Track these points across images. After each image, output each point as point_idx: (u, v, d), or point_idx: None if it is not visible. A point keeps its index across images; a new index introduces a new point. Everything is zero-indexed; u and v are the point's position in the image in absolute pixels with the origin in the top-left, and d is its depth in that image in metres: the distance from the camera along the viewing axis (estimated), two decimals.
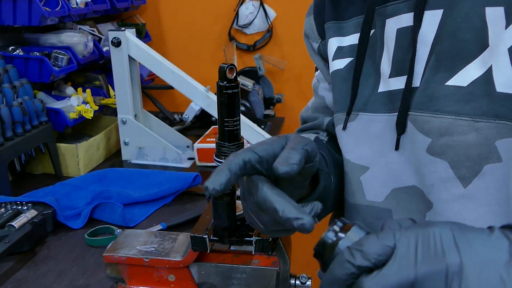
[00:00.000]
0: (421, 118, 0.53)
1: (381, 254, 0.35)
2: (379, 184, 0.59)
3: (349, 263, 0.36)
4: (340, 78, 0.65)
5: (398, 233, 0.36)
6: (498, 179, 0.49)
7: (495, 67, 0.48)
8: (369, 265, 0.35)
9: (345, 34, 0.66)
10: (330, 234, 0.39)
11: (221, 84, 0.53)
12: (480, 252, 0.33)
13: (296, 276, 0.66)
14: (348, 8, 0.66)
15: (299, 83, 1.88)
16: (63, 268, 0.83)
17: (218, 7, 1.83)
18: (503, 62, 0.48)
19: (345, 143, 0.64)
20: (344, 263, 0.36)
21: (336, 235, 0.39)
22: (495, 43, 0.49)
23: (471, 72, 0.50)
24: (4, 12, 1.23)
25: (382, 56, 0.60)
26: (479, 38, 0.50)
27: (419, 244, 0.34)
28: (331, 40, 0.68)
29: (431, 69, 0.53)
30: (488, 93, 0.49)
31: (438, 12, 0.53)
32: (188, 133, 1.52)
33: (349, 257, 0.36)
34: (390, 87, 0.58)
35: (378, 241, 0.36)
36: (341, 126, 0.64)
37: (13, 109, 1.10)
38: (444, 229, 0.35)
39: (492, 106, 0.48)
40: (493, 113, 0.48)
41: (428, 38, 0.54)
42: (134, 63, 1.29)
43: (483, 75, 0.49)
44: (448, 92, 0.51)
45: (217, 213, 0.58)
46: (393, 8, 0.58)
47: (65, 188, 1.10)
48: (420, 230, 0.35)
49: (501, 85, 0.48)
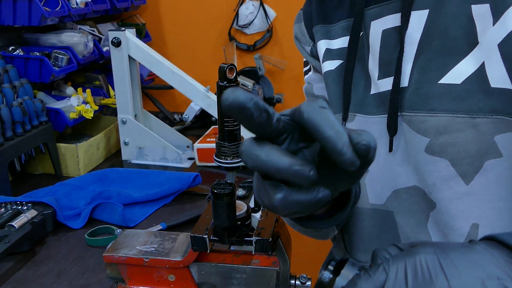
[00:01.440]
0: (417, 118, 0.53)
1: None
2: (379, 187, 0.59)
3: None
4: (332, 79, 0.65)
5: (387, 266, 0.38)
6: (500, 175, 0.49)
7: (487, 63, 0.49)
8: None
9: (333, 37, 0.66)
10: (326, 274, 0.42)
11: (221, 84, 0.53)
12: (464, 273, 0.35)
13: (296, 276, 0.66)
14: (335, 12, 0.66)
15: (299, 83, 1.88)
16: (63, 268, 0.83)
17: (218, 7, 1.83)
18: (495, 58, 0.48)
19: None
20: None
21: (331, 273, 0.42)
22: (484, 40, 0.49)
23: (464, 69, 0.51)
24: (4, 12, 1.23)
25: (369, 59, 0.60)
26: (468, 35, 0.51)
27: (408, 273, 0.36)
28: (319, 42, 0.68)
29: (421, 69, 0.53)
30: (483, 89, 0.49)
31: (424, 12, 0.54)
32: (188, 133, 1.52)
33: None
34: (380, 88, 0.58)
35: (371, 279, 0.38)
36: None
37: (13, 109, 1.10)
38: (429, 255, 0.37)
39: (488, 102, 0.49)
40: (490, 108, 0.49)
41: (414, 37, 0.54)
42: (134, 63, 1.29)
43: (476, 72, 0.50)
44: (442, 90, 0.51)
45: (217, 213, 0.58)
46: (378, 10, 0.59)
47: (65, 188, 1.10)
48: (407, 259, 0.37)
49: (495, 80, 0.48)
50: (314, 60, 0.73)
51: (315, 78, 0.75)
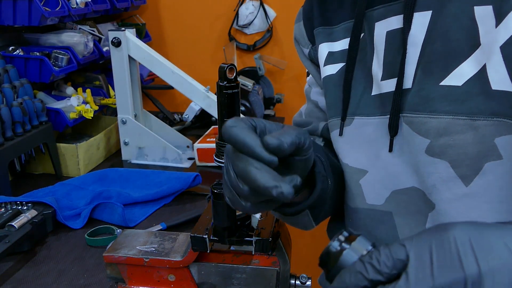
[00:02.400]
0: (418, 119, 0.53)
1: (394, 268, 0.35)
2: (378, 187, 0.59)
3: (361, 275, 0.36)
4: (333, 83, 0.65)
5: (409, 244, 0.36)
6: (500, 177, 0.49)
7: (489, 66, 0.49)
8: (382, 279, 0.35)
9: (335, 40, 0.66)
10: (335, 244, 0.39)
11: (221, 84, 0.53)
12: (497, 255, 0.32)
13: (296, 276, 0.66)
14: (337, 13, 0.66)
15: (299, 83, 1.88)
16: (63, 268, 0.83)
17: (218, 7, 1.83)
18: (496, 60, 0.48)
19: (341, 148, 0.64)
20: (357, 275, 0.36)
21: (340, 244, 0.39)
22: (487, 42, 0.49)
23: (465, 71, 0.50)
24: (4, 12, 1.23)
25: (373, 60, 0.60)
26: (470, 37, 0.50)
27: (434, 254, 0.34)
28: (321, 45, 0.67)
29: (423, 70, 0.53)
30: (484, 91, 0.49)
31: (427, 14, 0.54)
32: (188, 133, 1.52)
33: (362, 269, 0.36)
34: (382, 89, 0.58)
35: (390, 255, 0.36)
36: (336, 131, 0.64)
37: (13, 109, 1.10)
38: (460, 233, 0.34)
39: (489, 104, 0.48)
40: (490, 111, 0.48)
41: (418, 39, 0.54)
42: (134, 63, 1.29)
43: (477, 74, 0.49)
44: (443, 92, 0.51)
45: (217, 213, 0.58)
46: (381, 12, 0.59)
47: (65, 188, 1.10)
48: (434, 237, 0.35)
49: (496, 82, 0.48)
50: (311, 65, 0.73)
51: (313, 81, 0.75)
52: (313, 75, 0.74)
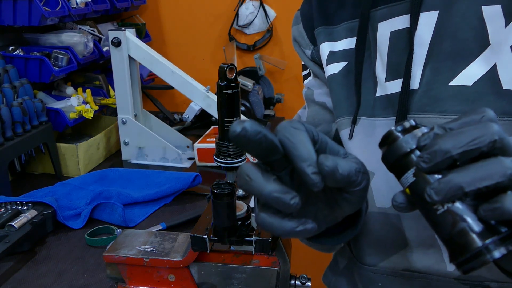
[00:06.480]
0: (427, 120, 0.52)
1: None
2: (386, 190, 0.59)
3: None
4: (337, 82, 0.65)
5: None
6: None
7: (499, 65, 0.48)
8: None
9: (337, 39, 0.65)
10: (399, 127, 0.39)
11: (221, 84, 0.53)
12: None
13: (296, 276, 0.66)
14: (337, 13, 0.65)
15: (299, 83, 1.88)
16: (63, 268, 0.83)
17: (218, 7, 1.83)
18: (507, 60, 0.48)
19: (350, 149, 0.64)
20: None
21: (403, 128, 0.39)
22: (496, 41, 0.49)
23: (474, 71, 0.50)
24: (4, 12, 1.23)
25: (376, 61, 0.59)
26: (479, 37, 0.50)
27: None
28: (322, 45, 0.67)
29: (431, 70, 0.53)
30: (494, 91, 0.49)
31: (433, 14, 0.53)
32: (188, 133, 1.52)
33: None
34: (387, 91, 0.57)
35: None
36: (345, 131, 0.63)
37: (13, 109, 1.10)
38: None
39: (499, 104, 0.48)
40: (501, 110, 0.48)
41: (425, 39, 0.54)
42: (134, 63, 1.29)
43: (487, 73, 0.49)
44: (453, 92, 0.51)
45: (217, 213, 0.58)
46: (386, 12, 0.58)
47: (65, 188, 1.10)
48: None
49: (507, 82, 0.48)
50: (314, 65, 0.72)
51: (315, 83, 0.74)
52: (318, 75, 0.72)
